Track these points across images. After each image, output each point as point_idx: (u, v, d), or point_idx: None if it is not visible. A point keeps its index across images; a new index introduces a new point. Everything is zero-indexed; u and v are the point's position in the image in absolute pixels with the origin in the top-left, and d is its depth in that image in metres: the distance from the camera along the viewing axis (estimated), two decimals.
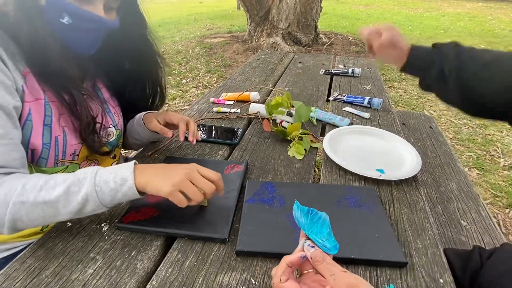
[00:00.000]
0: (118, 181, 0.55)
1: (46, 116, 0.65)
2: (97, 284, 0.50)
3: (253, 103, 1.14)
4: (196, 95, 3.33)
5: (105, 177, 0.55)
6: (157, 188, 0.55)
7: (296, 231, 0.59)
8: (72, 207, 0.54)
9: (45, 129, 0.65)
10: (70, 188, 0.54)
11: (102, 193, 0.54)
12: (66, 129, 0.69)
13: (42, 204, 0.53)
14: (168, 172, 0.57)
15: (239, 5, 8.02)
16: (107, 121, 0.80)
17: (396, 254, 0.55)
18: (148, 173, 0.57)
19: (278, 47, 4.53)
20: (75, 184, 0.54)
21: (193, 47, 5.11)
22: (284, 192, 0.70)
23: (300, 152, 0.88)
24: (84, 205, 0.54)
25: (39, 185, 0.54)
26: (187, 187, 0.56)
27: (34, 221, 0.54)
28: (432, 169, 1.25)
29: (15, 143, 0.59)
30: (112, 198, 0.55)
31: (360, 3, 10.65)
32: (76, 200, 0.53)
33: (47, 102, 0.66)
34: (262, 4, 4.61)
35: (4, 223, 0.53)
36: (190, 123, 0.83)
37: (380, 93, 1.37)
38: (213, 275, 0.52)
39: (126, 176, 0.55)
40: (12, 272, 0.52)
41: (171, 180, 0.55)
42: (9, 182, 0.54)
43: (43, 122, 0.65)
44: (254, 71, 1.65)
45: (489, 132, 2.56)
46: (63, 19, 0.61)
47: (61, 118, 0.68)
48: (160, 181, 0.56)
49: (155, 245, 0.58)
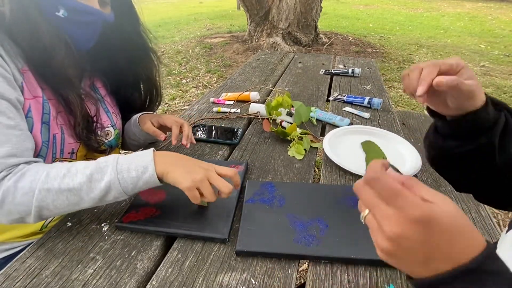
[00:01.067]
0: (139, 169, 0.56)
1: (44, 114, 0.66)
2: (97, 284, 0.50)
3: (253, 103, 1.14)
4: (196, 95, 3.33)
5: (126, 165, 0.56)
6: (177, 180, 0.56)
7: (296, 231, 0.59)
8: (95, 194, 0.55)
9: (43, 127, 0.66)
10: (93, 175, 0.54)
11: (125, 181, 0.55)
12: (64, 127, 0.69)
13: (67, 192, 0.53)
14: (188, 167, 0.58)
15: (239, 5, 8.01)
16: (105, 120, 0.80)
17: None
18: (168, 162, 0.58)
19: (278, 47, 4.53)
20: (98, 172, 0.55)
21: (193, 47, 5.11)
22: (284, 192, 0.70)
23: (300, 152, 0.88)
24: (107, 192, 0.55)
25: (62, 173, 0.54)
26: (206, 187, 0.57)
27: (59, 208, 0.55)
28: (432, 169, 1.25)
29: (26, 134, 0.60)
30: (134, 186, 0.56)
31: (360, 3, 10.65)
32: (100, 187, 0.54)
33: (45, 100, 0.66)
34: (262, 4, 4.61)
35: (30, 211, 0.53)
36: (184, 126, 0.82)
37: (380, 93, 1.37)
38: (213, 275, 0.52)
39: (147, 164, 0.56)
40: (12, 272, 0.52)
41: (192, 176, 0.56)
42: (32, 171, 0.55)
43: (41, 119, 0.65)
44: (254, 71, 1.65)
45: None
46: (58, 13, 0.61)
47: (58, 116, 0.68)
48: (182, 174, 0.56)
49: (155, 245, 0.58)
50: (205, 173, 0.57)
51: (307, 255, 0.55)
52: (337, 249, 0.55)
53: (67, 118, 0.69)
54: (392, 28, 6.79)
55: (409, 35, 6.16)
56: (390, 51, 4.98)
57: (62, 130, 0.69)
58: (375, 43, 5.36)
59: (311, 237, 0.58)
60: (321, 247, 0.56)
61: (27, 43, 0.61)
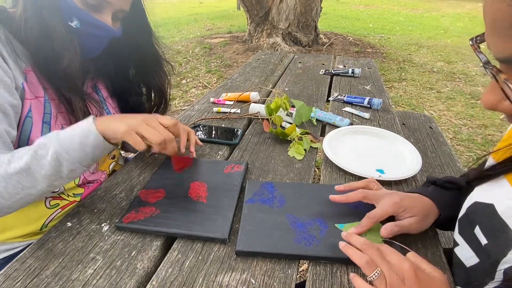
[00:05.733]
0: (81, 134, 0.56)
1: (46, 113, 0.66)
2: (97, 284, 0.50)
3: (253, 104, 1.14)
4: (196, 95, 3.33)
5: (68, 135, 0.56)
6: (114, 130, 0.57)
7: (296, 231, 0.59)
8: (46, 170, 0.54)
9: (44, 127, 0.66)
10: (37, 152, 0.54)
11: (72, 149, 0.55)
12: (64, 127, 0.69)
13: (16, 175, 0.53)
14: (126, 117, 0.60)
15: (239, 5, 8.02)
16: None
17: None
18: (106, 119, 0.60)
19: (278, 47, 4.53)
20: (41, 148, 0.54)
21: (193, 47, 5.11)
22: (284, 192, 0.70)
23: (300, 152, 0.88)
24: (58, 166, 0.54)
25: (6, 159, 0.54)
26: (144, 129, 0.59)
27: (14, 194, 0.53)
28: (432, 169, 1.25)
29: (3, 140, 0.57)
30: (84, 154, 0.56)
31: (360, 3, 10.66)
32: (47, 162, 0.54)
33: (47, 100, 0.66)
34: (262, 4, 4.61)
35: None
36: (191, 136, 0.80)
37: (380, 93, 1.37)
38: (213, 275, 0.52)
39: (87, 128, 0.56)
40: (12, 272, 0.52)
41: (128, 121, 0.58)
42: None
43: (43, 119, 0.66)
44: (254, 71, 1.65)
45: (489, 132, 2.56)
46: (72, 23, 0.63)
47: (59, 116, 0.68)
48: (117, 123, 0.58)
49: (155, 245, 0.58)
50: (143, 118, 0.60)
51: (307, 255, 0.55)
52: (337, 249, 0.55)
53: (68, 118, 0.70)
54: (392, 28, 6.79)
55: (409, 35, 6.17)
56: (390, 51, 4.98)
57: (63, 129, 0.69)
58: (375, 44, 5.37)
59: (311, 237, 0.58)
60: (321, 247, 0.56)
61: (36, 45, 0.62)
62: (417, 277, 0.43)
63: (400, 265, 0.44)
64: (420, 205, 0.58)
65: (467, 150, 2.33)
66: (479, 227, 0.47)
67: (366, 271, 0.46)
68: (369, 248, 0.48)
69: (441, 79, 3.82)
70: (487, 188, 0.49)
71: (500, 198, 0.45)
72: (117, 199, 0.70)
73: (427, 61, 4.56)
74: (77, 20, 0.63)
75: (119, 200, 0.69)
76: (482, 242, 0.46)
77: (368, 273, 0.46)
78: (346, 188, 0.66)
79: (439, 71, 4.10)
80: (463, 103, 3.13)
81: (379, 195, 0.60)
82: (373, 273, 0.45)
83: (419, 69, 4.17)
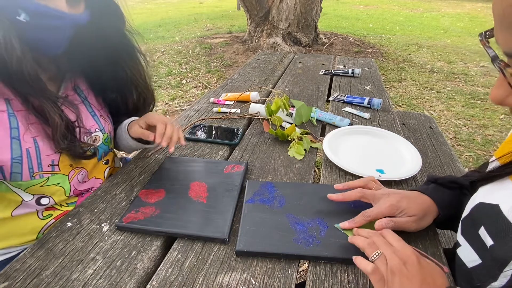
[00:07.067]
0: None
1: (12, 128, 0.60)
2: (97, 284, 0.50)
3: (253, 104, 1.14)
4: (196, 95, 3.33)
5: None
6: None
7: (296, 231, 0.59)
8: None
9: (13, 143, 0.60)
10: None
11: None
12: (38, 139, 0.63)
13: None
14: None
15: (239, 5, 8.02)
16: (92, 125, 0.75)
17: None
18: None
19: (278, 47, 4.53)
20: None
21: (193, 47, 5.11)
22: (284, 192, 0.70)
23: (300, 152, 0.88)
24: None
25: None
26: None
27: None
28: (432, 169, 1.25)
29: None
30: None
31: (360, 3, 10.66)
32: None
33: (11, 114, 0.60)
34: (262, 4, 4.61)
35: None
36: (168, 127, 0.74)
37: (380, 93, 1.37)
38: (213, 275, 0.52)
39: None
40: (12, 272, 0.52)
41: None
42: None
43: (10, 135, 0.60)
44: (254, 72, 1.65)
45: (489, 133, 2.56)
46: (19, 17, 0.54)
47: (30, 128, 0.62)
48: None
49: (155, 245, 0.58)
50: None
51: (307, 255, 0.55)
52: (337, 249, 0.55)
53: (42, 128, 0.63)
54: (392, 28, 6.79)
55: (409, 35, 6.16)
56: (390, 51, 4.98)
57: (36, 143, 0.63)
58: (375, 44, 5.37)
59: (311, 237, 0.58)
60: (321, 247, 0.56)
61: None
62: (419, 263, 0.44)
63: (403, 250, 0.45)
64: (419, 205, 0.58)
65: (467, 150, 2.33)
66: (484, 228, 0.47)
67: (367, 252, 0.48)
68: (374, 235, 0.50)
69: (441, 79, 3.81)
70: (492, 188, 0.49)
71: (505, 198, 0.45)
72: (117, 199, 0.70)
73: (427, 61, 4.55)
74: (24, 13, 0.54)
75: (119, 200, 0.69)
76: (488, 243, 0.46)
77: (369, 254, 0.47)
78: (345, 187, 0.66)
79: (439, 71, 4.10)
80: (463, 103, 3.13)
81: (377, 194, 0.61)
82: (374, 253, 0.47)
83: (419, 69, 4.17)
